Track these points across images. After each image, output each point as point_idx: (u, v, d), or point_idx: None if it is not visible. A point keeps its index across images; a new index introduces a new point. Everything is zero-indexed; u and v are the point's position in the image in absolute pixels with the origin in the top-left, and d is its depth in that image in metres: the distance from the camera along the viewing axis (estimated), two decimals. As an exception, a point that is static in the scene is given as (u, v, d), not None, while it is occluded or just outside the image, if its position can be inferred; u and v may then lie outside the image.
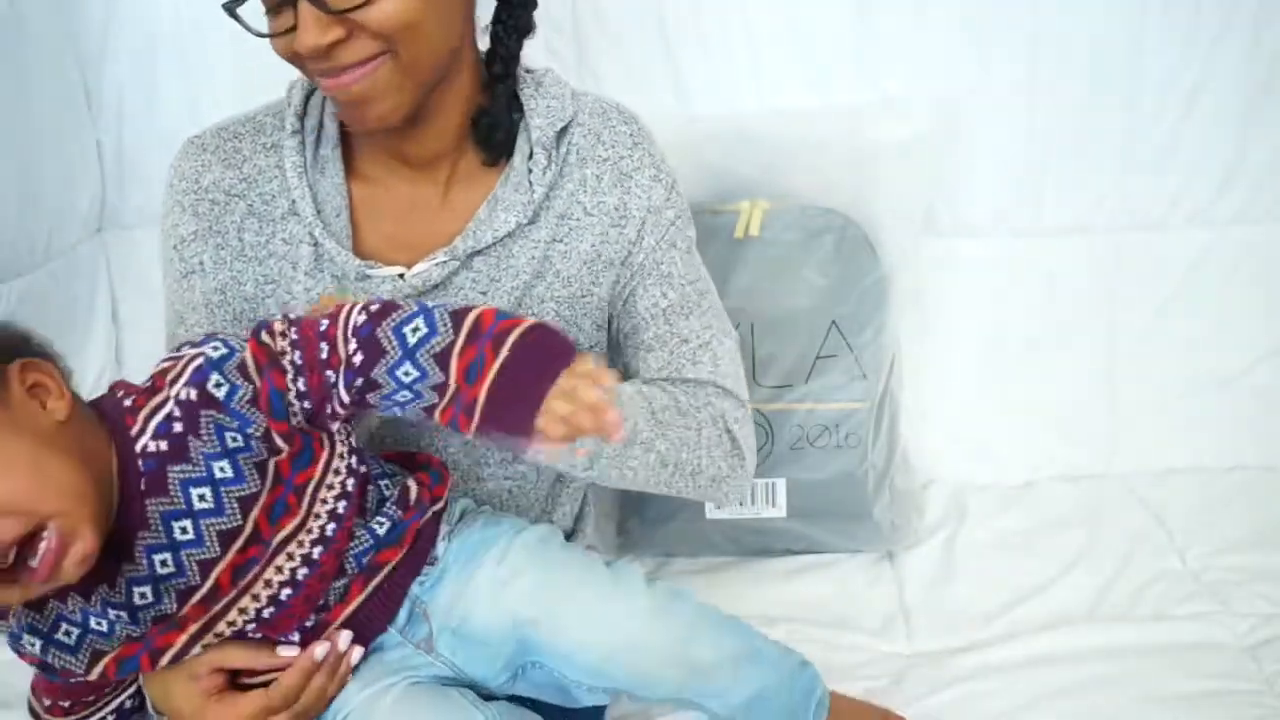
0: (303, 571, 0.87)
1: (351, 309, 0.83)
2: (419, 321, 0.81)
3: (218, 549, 0.84)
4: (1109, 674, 1.19)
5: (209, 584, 0.85)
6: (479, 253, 1.00)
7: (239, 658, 0.89)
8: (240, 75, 1.06)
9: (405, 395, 0.82)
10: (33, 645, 0.86)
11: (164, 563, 0.83)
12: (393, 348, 0.81)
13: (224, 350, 0.83)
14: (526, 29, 1.01)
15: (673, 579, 1.39)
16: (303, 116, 1.01)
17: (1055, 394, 1.59)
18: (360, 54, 0.88)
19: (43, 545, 0.74)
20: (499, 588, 0.95)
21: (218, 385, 0.82)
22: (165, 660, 0.86)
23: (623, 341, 1.09)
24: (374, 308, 0.83)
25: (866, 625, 1.31)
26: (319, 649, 0.89)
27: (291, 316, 0.85)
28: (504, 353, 0.78)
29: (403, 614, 0.95)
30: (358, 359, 0.82)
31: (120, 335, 1.74)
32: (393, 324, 0.82)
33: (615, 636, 0.94)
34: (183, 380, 0.82)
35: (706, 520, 1.42)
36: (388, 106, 0.91)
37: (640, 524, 1.44)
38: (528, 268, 1.01)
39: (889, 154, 1.45)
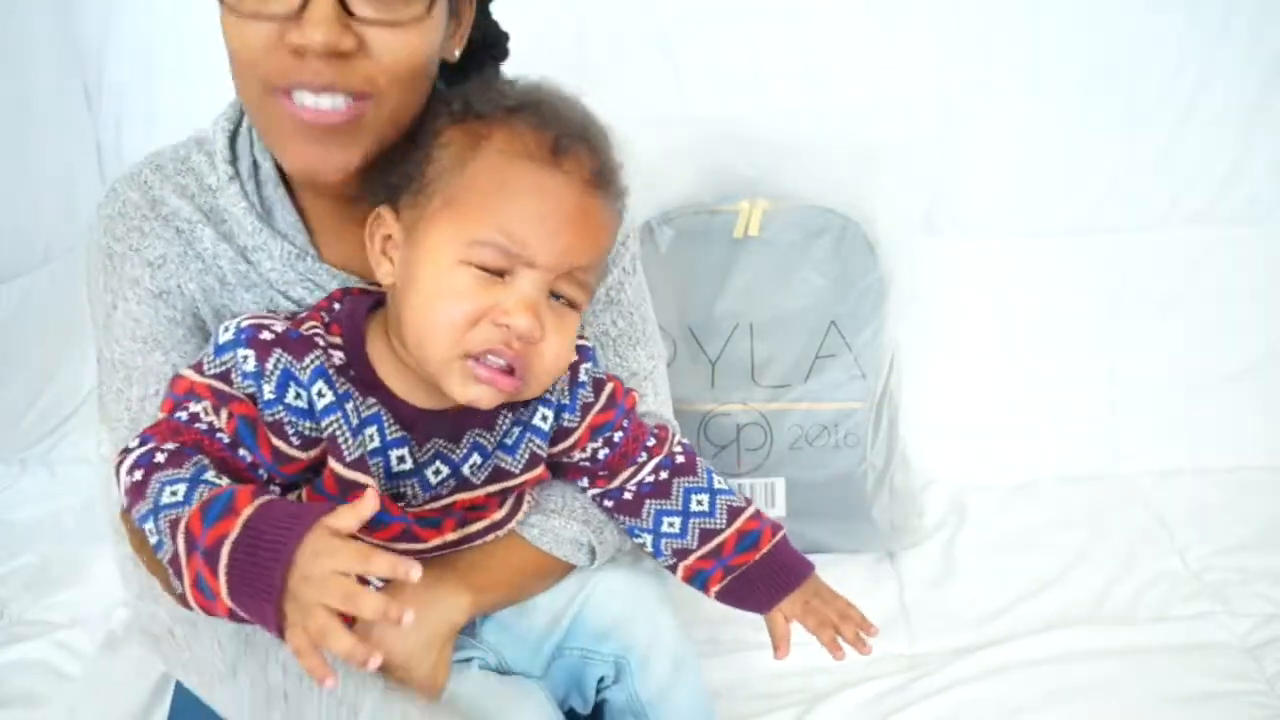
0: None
1: (676, 431, 1.00)
2: (722, 479, 0.98)
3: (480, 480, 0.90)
4: (1110, 674, 1.19)
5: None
6: None
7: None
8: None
9: (676, 522, 0.95)
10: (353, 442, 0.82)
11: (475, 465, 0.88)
12: (702, 476, 0.97)
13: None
14: (501, 59, 0.98)
15: (672, 579, 1.39)
16: (233, 161, 0.91)
17: (1055, 394, 1.59)
18: (352, 84, 0.79)
19: None
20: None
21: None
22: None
23: None
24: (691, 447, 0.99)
25: (866, 625, 1.30)
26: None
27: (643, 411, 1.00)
28: (777, 538, 0.95)
29: None
30: (679, 460, 0.97)
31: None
32: (707, 464, 0.98)
33: (642, 604, 0.97)
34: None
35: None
36: (353, 155, 0.82)
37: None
38: None
39: (889, 154, 1.45)
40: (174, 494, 0.74)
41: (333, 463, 0.81)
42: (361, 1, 0.78)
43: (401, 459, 0.84)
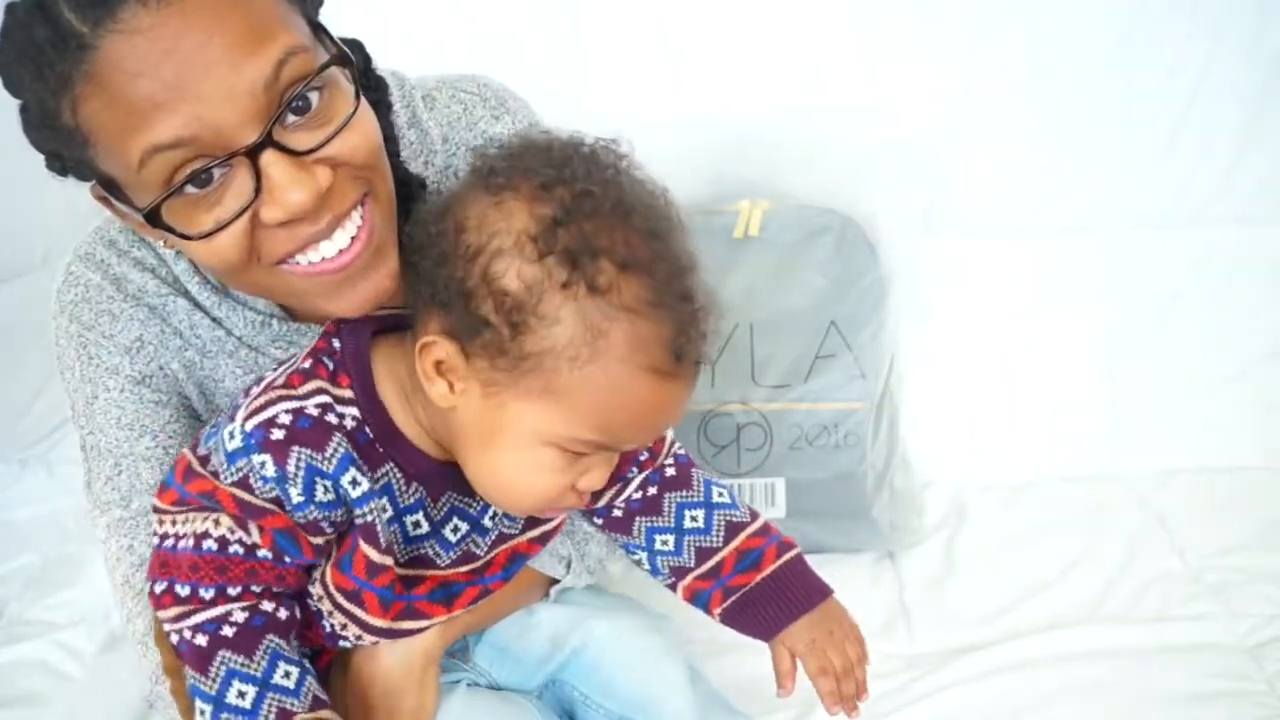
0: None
1: (674, 440, 0.92)
2: (726, 491, 0.91)
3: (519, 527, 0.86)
4: (1110, 674, 1.19)
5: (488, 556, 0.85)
6: None
7: None
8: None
9: (670, 540, 0.88)
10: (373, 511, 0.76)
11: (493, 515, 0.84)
12: (698, 489, 0.90)
13: None
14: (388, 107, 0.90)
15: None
16: None
17: (1055, 394, 1.59)
18: (350, 198, 0.75)
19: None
20: (539, 613, 0.97)
21: None
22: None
23: None
24: (689, 454, 0.93)
25: (867, 625, 1.28)
26: None
27: None
28: (785, 558, 0.88)
29: None
30: (669, 473, 0.90)
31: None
32: (705, 473, 0.91)
33: (650, 664, 0.96)
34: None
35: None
36: (391, 263, 0.78)
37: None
38: None
39: (889, 154, 1.45)
40: (242, 696, 0.74)
41: (366, 547, 0.76)
42: (304, 135, 0.72)
43: (417, 524, 0.80)
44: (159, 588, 0.76)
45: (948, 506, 1.52)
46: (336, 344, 0.78)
